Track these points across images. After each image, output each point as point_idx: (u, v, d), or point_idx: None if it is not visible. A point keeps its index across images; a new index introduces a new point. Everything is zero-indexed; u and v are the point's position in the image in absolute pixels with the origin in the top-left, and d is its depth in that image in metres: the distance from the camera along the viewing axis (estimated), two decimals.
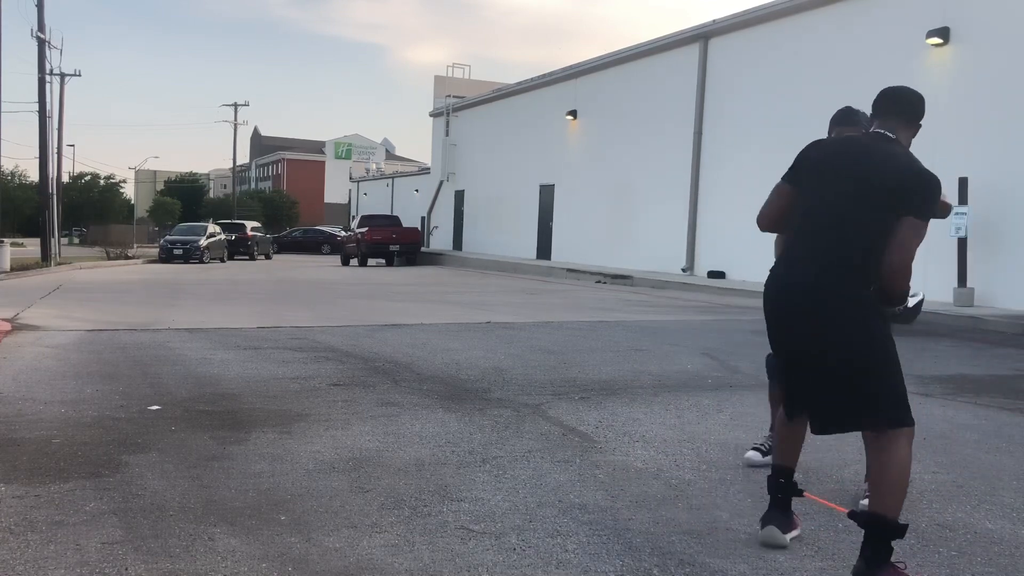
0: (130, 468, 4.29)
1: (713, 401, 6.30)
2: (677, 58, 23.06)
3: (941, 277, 13.96)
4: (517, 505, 3.85)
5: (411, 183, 49.33)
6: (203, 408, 5.71)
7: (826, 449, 4.98)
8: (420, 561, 3.19)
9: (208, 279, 21.42)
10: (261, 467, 4.35)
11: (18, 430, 5.02)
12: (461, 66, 41.46)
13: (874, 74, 16.99)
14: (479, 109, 35.71)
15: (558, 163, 28.88)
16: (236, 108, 63.65)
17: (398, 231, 31.99)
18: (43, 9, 27.87)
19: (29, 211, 61.12)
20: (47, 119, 27.81)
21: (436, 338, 9.50)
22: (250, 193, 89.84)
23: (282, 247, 48.94)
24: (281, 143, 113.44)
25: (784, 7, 19.31)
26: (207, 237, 33.65)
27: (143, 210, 68.47)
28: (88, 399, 5.92)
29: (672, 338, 9.98)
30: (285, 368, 7.32)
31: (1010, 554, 3.43)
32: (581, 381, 7.00)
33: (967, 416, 5.91)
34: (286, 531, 3.46)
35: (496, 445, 4.89)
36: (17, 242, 41.61)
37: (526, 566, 3.17)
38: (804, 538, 3.52)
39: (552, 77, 29.73)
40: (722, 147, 21.19)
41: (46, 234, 27.54)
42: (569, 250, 27.68)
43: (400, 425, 5.32)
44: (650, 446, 4.95)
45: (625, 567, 3.17)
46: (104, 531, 3.41)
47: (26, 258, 27.18)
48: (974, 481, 4.39)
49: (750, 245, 20.02)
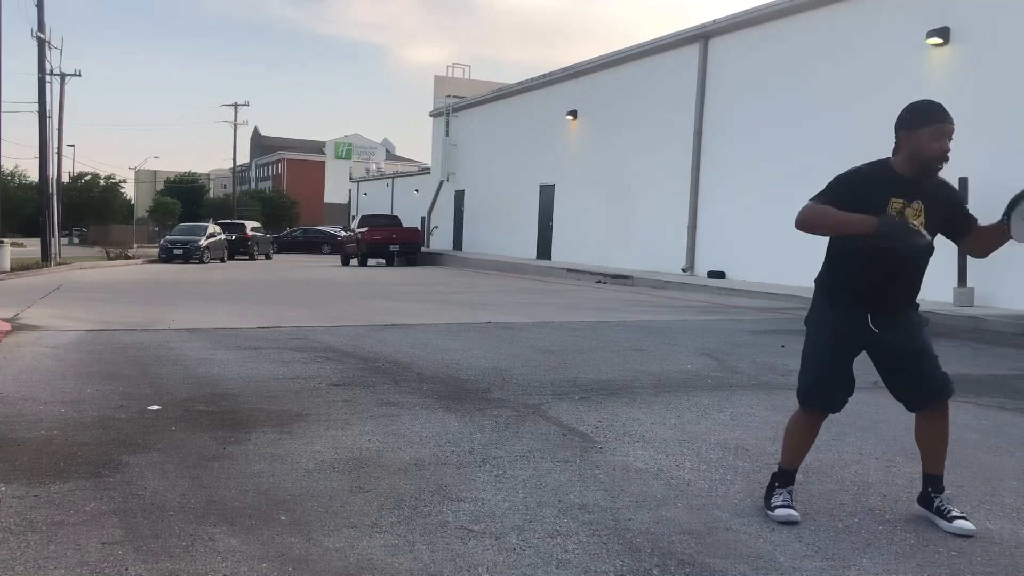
0: (130, 468, 4.29)
1: (713, 401, 6.30)
2: (677, 58, 23.07)
3: (941, 277, 13.95)
4: (517, 505, 3.85)
5: (411, 183, 49.33)
6: (203, 408, 5.71)
7: (826, 449, 4.98)
8: (420, 561, 3.19)
9: (208, 279, 21.41)
10: (261, 467, 4.35)
11: (18, 430, 5.02)
12: (461, 66, 41.53)
13: (874, 74, 17.01)
14: (479, 109, 35.71)
15: (558, 163, 28.88)
16: (236, 108, 63.73)
17: (398, 231, 31.98)
18: (43, 9, 27.86)
19: (29, 211, 61.05)
20: (47, 119, 27.80)
21: (436, 338, 9.50)
22: (250, 193, 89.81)
23: (282, 247, 48.91)
24: (281, 143, 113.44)
25: (784, 7, 19.31)
26: (207, 237, 33.64)
27: (143, 210, 68.38)
28: (88, 399, 5.92)
29: (672, 338, 9.98)
30: (285, 368, 7.32)
31: (1010, 554, 3.43)
32: (581, 381, 7.00)
33: (967, 416, 5.91)
34: (286, 531, 3.46)
35: (496, 445, 4.89)
36: (17, 242, 41.58)
37: (526, 566, 3.16)
38: (804, 538, 3.53)
39: (552, 77, 29.74)
40: (722, 147, 21.19)
41: (46, 234, 27.53)
42: (569, 250, 27.68)
43: (400, 425, 5.32)
44: (650, 446, 4.95)
45: (625, 567, 3.17)
46: (104, 531, 3.41)
47: (26, 258, 27.17)
48: (974, 481, 4.39)
49: (750, 245, 20.07)
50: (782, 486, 3.81)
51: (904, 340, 3.65)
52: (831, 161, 20.10)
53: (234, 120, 63.61)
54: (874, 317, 3.63)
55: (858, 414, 5.81)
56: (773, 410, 5.97)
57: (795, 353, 8.87)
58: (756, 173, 20.01)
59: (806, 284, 18.57)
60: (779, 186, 19.19)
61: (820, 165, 18.25)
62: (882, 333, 3.63)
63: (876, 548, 3.45)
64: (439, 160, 38.08)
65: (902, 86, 16.41)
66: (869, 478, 4.44)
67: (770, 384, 7.09)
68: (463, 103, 36.94)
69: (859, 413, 5.85)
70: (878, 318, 3.64)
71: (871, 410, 5.97)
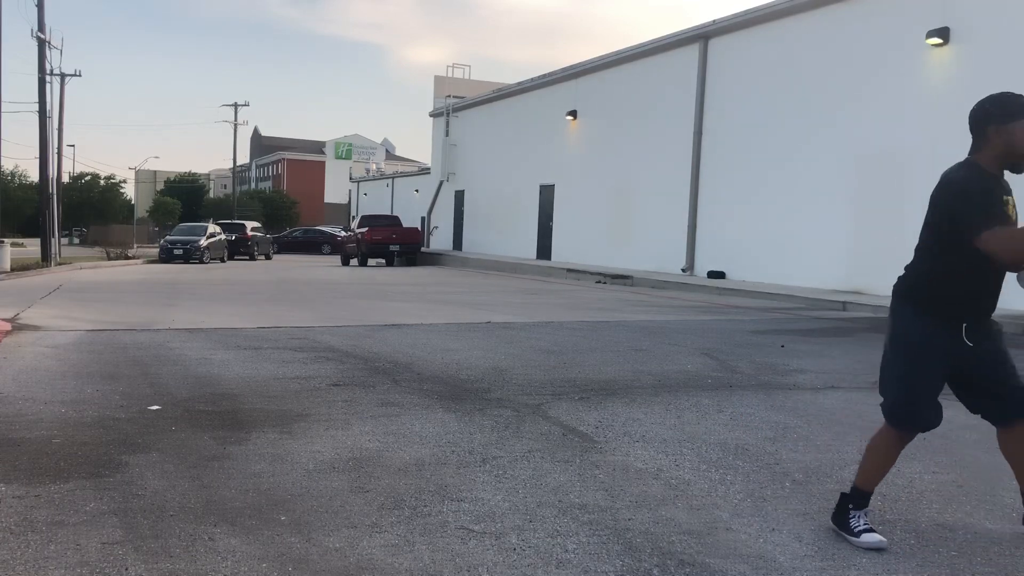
0: (130, 468, 4.29)
1: (713, 401, 6.30)
2: (677, 58, 23.06)
3: None
4: (517, 505, 3.85)
5: (411, 183, 49.34)
6: (203, 408, 5.71)
7: (826, 449, 4.98)
8: (420, 561, 3.19)
9: (208, 279, 21.41)
10: (261, 467, 4.35)
11: (18, 430, 5.02)
12: (461, 66, 41.53)
13: (874, 74, 17.02)
14: (479, 109, 35.71)
15: (558, 163, 28.88)
16: (236, 108, 63.70)
17: (398, 231, 31.99)
18: (43, 9, 27.85)
19: (29, 211, 61.12)
20: (47, 119, 27.78)
21: (436, 338, 9.50)
22: (250, 193, 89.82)
23: (282, 247, 48.92)
24: (281, 143, 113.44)
25: (784, 7, 19.31)
26: (207, 237, 33.64)
27: (143, 210, 68.43)
28: (88, 399, 5.92)
29: (672, 338, 9.98)
30: (285, 368, 7.32)
31: (1010, 554, 3.43)
32: (581, 381, 7.00)
33: (967, 416, 5.88)
34: (286, 531, 3.46)
35: (496, 445, 4.89)
36: (17, 242, 41.58)
37: (526, 566, 3.17)
38: (804, 538, 3.53)
39: (552, 77, 29.73)
40: (722, 147, 21.19)
41: (46, 234, 27.52)
42: (569, 250, 27.69)
43: (400, 425, 5.32)
44: (650, 446, 4.95)
45: (625, 567, 3.17)
46: (104, 531, 3.41)
47: (26, 258, 27.18)
48: (974, 481, 4.39)
49: (750, 245, 20.08)
50: (857, 508, 3.56)
51: (995, 351, 3.48)
52: (831, 161, 20.12)
53: (234, 120, 63.60)
54: (969, 329, 3.42)
55: (858, 414, 5.81)
56: (773, 410, 5.97)
57: (795, 353, 8.92)
58: (756, 173, 20.01)
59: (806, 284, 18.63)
60: (779, 186, 19.21)
61: (820, 165, 18.37)
62: (975, 346, 3.43)
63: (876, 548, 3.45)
64: (439, 160, 38.08)
65: (902, 86, 16.43)
66: None
67: (770, 384, 7.09)
68: (463, 103, 36.94)
69: (859, 413, 5.85)
70: (972, 330, 3.43)
71: (871, 410, 5.96)
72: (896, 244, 16.84)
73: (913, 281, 3.51)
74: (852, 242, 17.11)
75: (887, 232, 16.25)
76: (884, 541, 3.44)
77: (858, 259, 16.89)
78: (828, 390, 6.84)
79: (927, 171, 15.48)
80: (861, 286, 16.47)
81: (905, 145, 16.11)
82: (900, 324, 3.53)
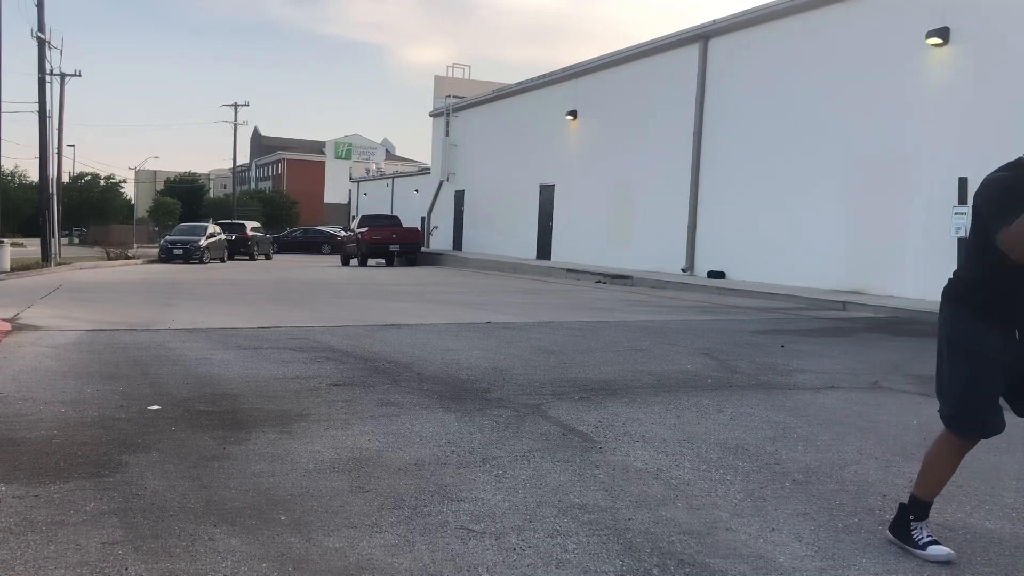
0: (130, 468, 4.29)
1: (713, 401, 6.30)
2: (677, 58, 23.07)
3: (941, 276, 13.94)
4: (517, 505, 3.85)
5: (411, 183, 49.34)
6: (203, 408, 5.71)
7: (826, 449, 4.98)
8: (420, 561, 3.19)
9: (208, 279, 21.41)
10: (261, 467, 4.35)
11: (18, 430, 5.02)
12: (461, 66, 41.54)
13: (874, 74, 17.02)
14: (479, 109, 35.71)
15: (558, 163, 28.89)
16: (236, 108, 63.76)
17: (398, 231, 31.99)
18: (43, 9, 27.86)
19: (29, 211, 61.08)
20: (47, 119, 27.80)
21: (436, 338, 9.50)
22: (250, 193, 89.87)
23: (282, 247, 48.93)
24: (281, 143, 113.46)
25: (784, 7, 19.31)
26: (207, 237, 33.65)
27: (143, 210, 68.51)
28: (88, 399, 5.92)
29: (672, 338, 9.98)
30: (285, 368, 7.32)
31: (1010, 554, 3.43)
32: (581, 381, 7.00)
33: None
34: (286, 531, 3.46)
35: (496, 445, 4.89)
36: (17, 242, 41.57)
37: (526, 566, 3.17)
38: (804, 538, 3.53)
39: (552, 77, 29.74)
40: (722, 147, 21.19)
41: (46, 234, 27.53)
42: (569, 250, 27.69)
43: (400, 425, 5.32)
44: (650, 446, 4.95)
45: (625, 567, 3.17)
46: (104, 531, 3.41)
47: (26, 258, 27.18)
48: (974, 481, 4.39)
49: (750, 245, 20.08)
50: (918, 519, 3.45)
51: None
52: (831, 161, 20.12)
53: (234, 120, 63.67)
54: (1021, 330, 3.34)
55: (858, 414, 5.81)
56: (773, 410, 5.97)
57: (795, 353, 8.92)
58: (756, 173, 20.01)
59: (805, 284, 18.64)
60: (779, 186, 19.21)
61: (820, 165, 18.36)
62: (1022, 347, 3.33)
63: (876, 548, 3.45)
64: (439, 160, 38.08)
65: (902, 86, 16.43)
66: (869, 478, 4.44)
67: (770, 384, 7.09)
68: (463, 103, 36.94)
69: (859, 413, 5.86)
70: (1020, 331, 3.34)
71: (871, 410, 5.97)
72: (896, 244, 16.92)
73: (966, 284, 3.44)
74: (852, 242, 17.10)
75: (887, 232, 16.26)
76: (952, 553, 3.33)
77: (858, 259, 16.89)
78: (828, 390, 6.84)
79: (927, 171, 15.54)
80: (861, 286, 16.46)
81: (905, 145, 16.11)
82: (956, 328, 3.42)
